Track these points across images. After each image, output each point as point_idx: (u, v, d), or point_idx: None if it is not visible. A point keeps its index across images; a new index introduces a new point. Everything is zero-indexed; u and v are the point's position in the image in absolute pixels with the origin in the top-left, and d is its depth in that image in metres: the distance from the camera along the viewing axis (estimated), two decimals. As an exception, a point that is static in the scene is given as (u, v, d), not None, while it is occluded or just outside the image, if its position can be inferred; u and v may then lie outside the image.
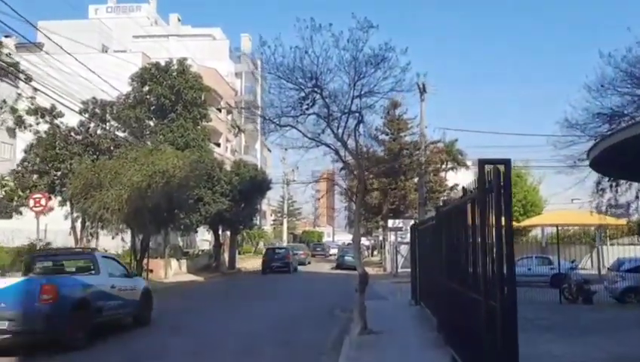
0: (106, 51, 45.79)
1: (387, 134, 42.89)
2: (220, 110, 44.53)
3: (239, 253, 47.43)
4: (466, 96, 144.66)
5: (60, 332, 9.22)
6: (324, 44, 10.79)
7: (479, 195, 5.32)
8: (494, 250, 5.14)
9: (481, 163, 5.25)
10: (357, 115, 11.80)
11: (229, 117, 47.88)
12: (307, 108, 11.51)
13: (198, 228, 27.44)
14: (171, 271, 24.88)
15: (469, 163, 43.33)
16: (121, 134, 29.50)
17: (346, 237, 71.14)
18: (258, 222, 57.32)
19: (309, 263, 39.79)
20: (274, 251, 32.90)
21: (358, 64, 11.12)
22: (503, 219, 5.00)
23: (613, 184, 16.09)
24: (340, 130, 11.67)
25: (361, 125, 12.18)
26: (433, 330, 10.44)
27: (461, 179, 43.03)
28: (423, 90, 29.38)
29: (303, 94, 11.24)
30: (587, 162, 11.73)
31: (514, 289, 4.99)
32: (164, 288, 21.00)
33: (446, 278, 8.44)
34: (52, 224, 24.89)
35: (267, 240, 55.45)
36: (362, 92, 11.39)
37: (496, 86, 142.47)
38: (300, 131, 11.64)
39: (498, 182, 5.00)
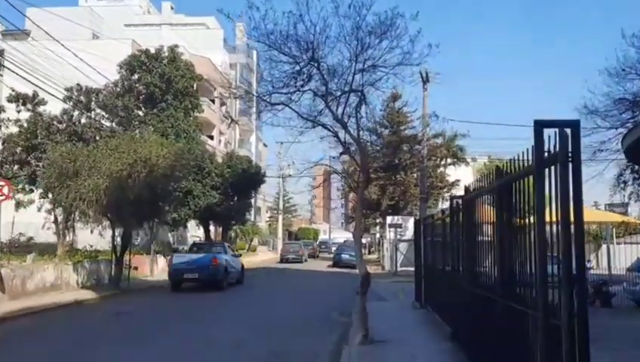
0: (98, 39, 44.14)
1: (386, 127, 41.51)
2: (213, 101, 43.05)
3: (232, 250, 46.05)
4: (477, 87, 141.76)
5: (217, 280, 19.40)
6: (321, 10, 9.36)
7: (535, 169, 3.87)
8: (556, 245, 3.71)
9: (539, 126, 3.81)
10: (359, 93, 10.37)
11: (223, 108, 46.43)
12: (302, 85, 10.07)
13: (187, 223, 25.96)
14: (158, 269, 23.43)
15: (468, 159, 42.22)
16: (107, 123, 28.04)
17: (342, 235, 69.67)
18: (253, 218, 55.95)
19: (306, 261, 38.40)
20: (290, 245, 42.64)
21: (360, 34, 9.68)
22: (570, 201, 3.58)
23: (636, 176, 14.70)
24: (340, 110, 10.24)
25: (364, 106, 10.75)
26: (446, 339, 9.04)
27: (462, 176, 41.93)
28: (425, 80, 27.96)
29: (297, 68, 9.79)
30: (605, 153, 10.32)
31: (585, 304, 3.59)
32: (146, 287, 19.51)
33: (467, 281, 7.03)
34: (35, 217, 23.50)
35: (262, 237, 53.98)
36: (365, 66, 9.95)
37: (509, 76, 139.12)
38: (294, 110, 10.20)
39: (565, 151, 3.57)
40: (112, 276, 18.48)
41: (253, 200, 57.67)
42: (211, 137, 41.80)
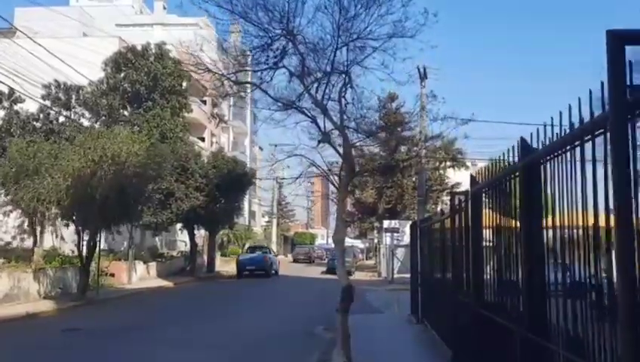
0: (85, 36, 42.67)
1: (383, 128, 40.01)
2: (204, 102, 41.51)
3: (225, 255, 44.34)
4: (483, 84, 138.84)
5: (266, 270, 28.07)
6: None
7: (614, 116, 2.26)
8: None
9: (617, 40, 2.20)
10: (343, 75, 8.83)
11: (216, 110, 44.91)
12: (275, 62, 8.53)
13: (169, 227, 24.37)
14: (136, 276, 21.83)
15: (468, 163, 40.67)
16: (86, 123, 26.55)
17: (340, 240, 67.93)
18: (247, 222, 54.28)
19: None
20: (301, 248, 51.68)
21: (344, 1, 8.15)
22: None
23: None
24: (321, 93, 8.69)
25: (350, 90, 9.20)
26: (445, 365, 7.47)
27: (461, 180, 40.38)
28: (423, 76, 26.44)
29: (268, 40, 8.25)
30: None
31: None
32: (117, 297, 17.81)
33: (473, 298, 5.46)
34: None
35: (256, 242, 52.31)
36: (350, 40, 8.40)
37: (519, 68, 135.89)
38: (265, 92, 8.65)
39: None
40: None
41: (245, 203, 56.21)
42: (202, 139, 40.25)
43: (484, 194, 5.27)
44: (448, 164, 38.82)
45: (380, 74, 8.98)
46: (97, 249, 16.54)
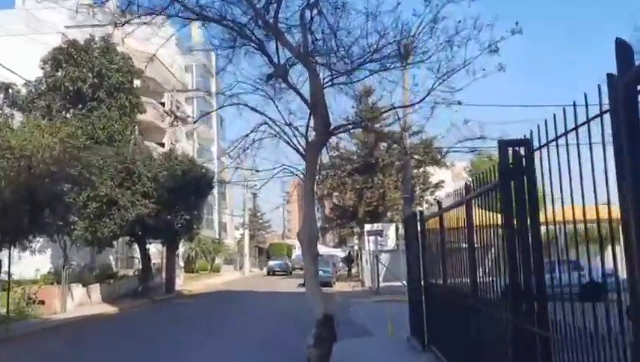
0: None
1: (360, 125, 36.97)
2: (163, 104, 37.95)
3: (194, 271, 40.59)
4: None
5: (289, 272, 47.23)
6: None
7: None
8: None
9: None
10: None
11: (179, 113, 41.32)
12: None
13: (113, 241, 20.70)
14: (73, 302, 18.16)
15: (447, 163, 37.83)
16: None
17: (319, 250, 64.36)
18: (217, 234, 50.53)
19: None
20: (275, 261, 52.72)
21: None
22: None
23: None
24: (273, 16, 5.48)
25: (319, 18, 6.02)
26: None
27: (441, 179, 37.55)
28: (405, 56, 23.42)
29: None
30: None
31: None
32: (37, 331, 13.97)
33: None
34: None
35: (228, 256, 48.60)
36: None
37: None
38: (189, 9, 5.48)
39: None
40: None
41: (214, 214, 52.40)
42: (162, 145, 36.62)
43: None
44: (429, 161, 36.03)
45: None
46: (8, 269, 12.90)
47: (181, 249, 40.50)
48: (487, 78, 7.59)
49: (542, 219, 3.74)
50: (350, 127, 8.73)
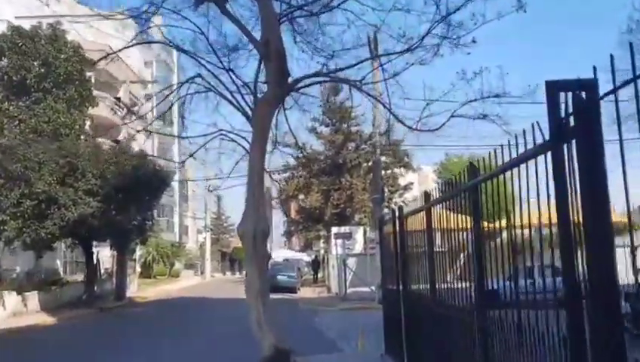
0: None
1: (327, 125, 35.64)
2: (118, 99, 35.79)
3: (151, 277, 38.44)
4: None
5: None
6: None
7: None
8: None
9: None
10: None
11: (136, 108, 39.16)
12: None
13: (52, 244, 18.58)
14: (4, 311, 16.08)
15: (414, 166, 36.87)
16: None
17: (285, 254, 62.51)
18: (177, 238, 48.36)
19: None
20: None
21: None
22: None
23: None
24: None
25: None
26: None
27: (409, 182, 36.55)
28: (374, 48, 22.16)
29: None
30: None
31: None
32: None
33: None
34: None
35: (189, 260, 46.45)
36: None
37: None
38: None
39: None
40: None
41: (175, 217, 50.13)
42: (117, 142, 34.43)
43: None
44: (397, 163, 34.96)
45: None
46: None
47: (138, 253, 38.29)
48: (501, 23, 6.11)
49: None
50: (319, 80, 7.12)
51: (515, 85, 7.13)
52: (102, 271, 25.94)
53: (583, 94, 2.50)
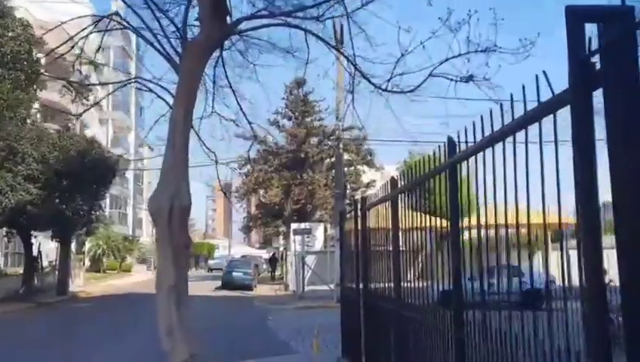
0: None
1: (290, 118, 34.88)
2: (70, 83, 33.97)
3: (100, 271, 36.79)
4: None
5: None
6: None
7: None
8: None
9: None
10: None
11: (92, 96, 37.36)
12: None
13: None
14: None
15: (377, 165, 36.55)
16: None
17: (244, 250, 61.26)
18: (130, 231, 46.69)
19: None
20: None
21: None
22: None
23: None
24: None
25: None
26: None
27: (371, 179, 36.20)
28: (339, 39, 21.55)
29: None
30: None
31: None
32: None
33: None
34: None
35: (142, 255, 44.82)
36: None
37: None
38: None
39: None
40: None
41: (129, 209, 48.35)
42: (68, 129, 32.70)
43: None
44: (360, 160, 34.54)
45: None
46: None
47: (87, 246, 36.58)
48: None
49: None
50: (271, 22, 6.22)
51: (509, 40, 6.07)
52: (45, 263, 24.42)
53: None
